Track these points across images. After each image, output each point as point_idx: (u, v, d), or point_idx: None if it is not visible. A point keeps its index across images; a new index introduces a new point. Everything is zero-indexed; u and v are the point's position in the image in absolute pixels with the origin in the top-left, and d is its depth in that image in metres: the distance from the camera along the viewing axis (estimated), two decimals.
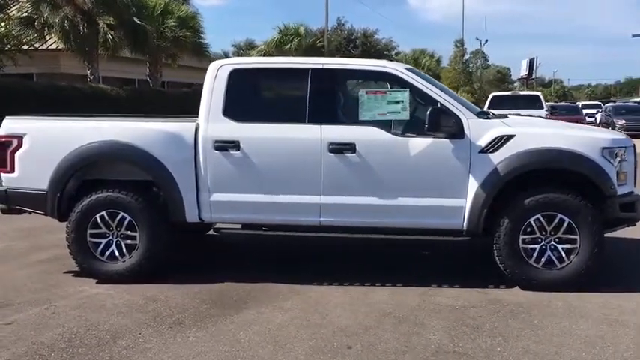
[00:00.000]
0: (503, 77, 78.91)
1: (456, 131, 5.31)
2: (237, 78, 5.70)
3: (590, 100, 63.77)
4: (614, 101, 47.76)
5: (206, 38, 24.32)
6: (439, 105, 5.37)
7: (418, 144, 5.39)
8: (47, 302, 5.19)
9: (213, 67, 5.75)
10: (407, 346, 4.22)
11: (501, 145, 5.28)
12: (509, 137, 5.29)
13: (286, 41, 29.91)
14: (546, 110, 18.57)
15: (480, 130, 5.36)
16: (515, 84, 73.57)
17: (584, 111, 34.59)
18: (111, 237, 5.71)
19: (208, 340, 4.36)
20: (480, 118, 5.51)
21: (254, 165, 5.52)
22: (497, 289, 5.40)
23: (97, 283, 5.68)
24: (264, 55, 30.96)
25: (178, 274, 5.84)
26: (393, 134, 5.46)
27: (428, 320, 4.70)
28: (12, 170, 5.79)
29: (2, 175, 5.89)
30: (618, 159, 5.34)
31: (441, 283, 5.57)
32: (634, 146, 5.61)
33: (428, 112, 5.23)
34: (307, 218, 5.57)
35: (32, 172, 5.73)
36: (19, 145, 5.75)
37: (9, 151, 5.78)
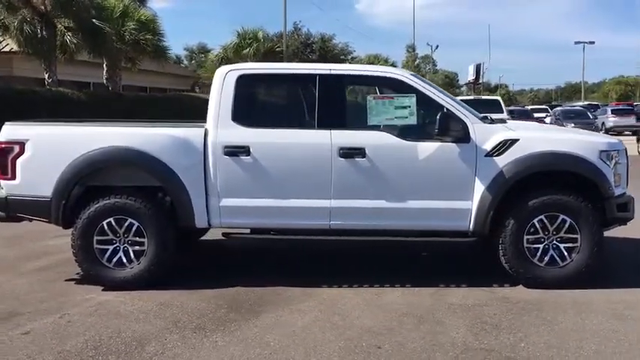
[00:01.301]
0: (451, 82, 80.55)
1: (462, 135, 5.48)
2: (245, 83, 5.73)
3: (533, 105, 65.63)
4: (556, 105, 49.34)
5: (167, 41, 23.99)
6: (445, 110, 5.53)
7: (426, 148, 5.54)
8: (59, 311, 5.11)
9: (220, 72, 5.76)
10: (435, 345, 4.35)
11: (506, 149, 5.48)
12: (514, 141, 5.49)
13: (245, 45, 29.78)
14: (507, 114, 19.15)
15: (485, 135, 5.54)
16: (462, 88, 75.08)
17: (535, 115, 35.65)
18: (118, 243, 5.65)
19: (237, 345, 4.39)
20: (484, 122, 5.69)
21: (264, 170, 5.56)
22: (502, 288, 5.59)
23: (103, 290, 5.62)
24: (222, 60, 30.87)
25: (186, 280, 5.83)
26: (401, 139, 5.58)
27: (446, 319, 4.84)
28: (13, 177, 5.67)
29: (3, 182, 5.76)
30: (614, 161, 5.61)
31: (448, 283, 5.72)
32: (625, 149, 5.90)
33: (438, 117, 5.39)
34: (317, 222, 5.65)
35: (35, 178, 5.63)
36: (21, 152, 5.63)
37: (10, 158, 5.65)
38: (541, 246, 5.54)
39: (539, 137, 5.71)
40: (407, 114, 5.59)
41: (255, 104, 5.91)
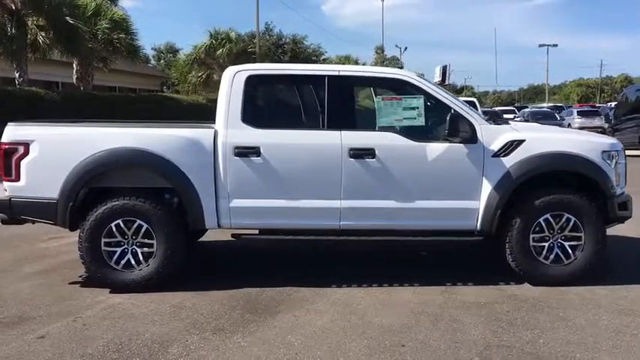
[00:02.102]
0: None
1: (470, 136, 5.57)
2: (254, 84, 5.74)
3: (497, 106, 66.77)
4: (520, 107, 50.23)
5: (140, 40, 23.72)
6: (453, 111, 5.62)
7: (434, 149, 5.62)
8: (70, 314, 5.04)
9: (229, 73, 5.75)
10: (456, 342, 4.42)
11: (513, 149, 5.59)
12: (520, 142, 5.61)
13: (218, 46, 29.63)
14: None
15: (492, 135, 5.65)
16: None
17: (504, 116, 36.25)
18: (126, 245, 5.60)
19: (261, 345, 4.39)
20: (490, 123, 5.80)
21: (275, 170, 5.57)
22: (509, 286, 5.70)
23: (110, 292, 5.56)
24: (194, 60, 30.72)
25: (194, 282, 5.81)
26: (410, 139, 5.65)
27: (462, 317, 4.92)
28: (17, 178, 5.56)
29: (6, 183, 5.65)
30: (614, 161, 5.78)
31: (454, 281, 5.82)
32: (624, 149, 6.08)
33: (448, 118, 5.47)
34: (328, 222, 5.68)
35: (40, 180, 5.54)
36: (25, 153, 5.53)
37: (14, 159, 5.55)
38: (546, 244, 5.67)
39: (545, 138, 5.85)
40: (415, 115, 5.66)
41: (264, 105, 5.91)
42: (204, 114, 22.68)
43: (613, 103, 50.16)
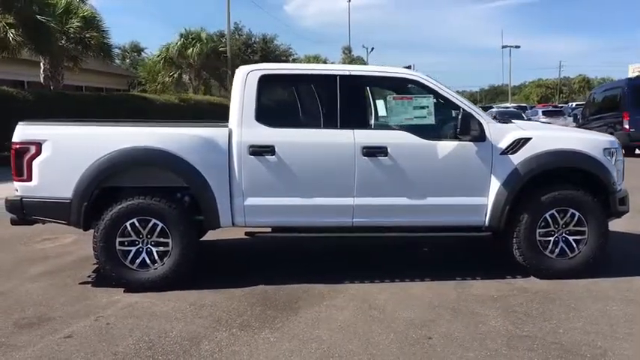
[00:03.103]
0: None
1: (479, 134, 5.73)
2: (267, 83, 5.79)
3: None
4: (484, 107, 51.02)
5: (112, 39, 23.35)
6: (463, 110, 5.76)
7: (445, 147, 5.76)
8: (90, 314, 5.03)
9: (242, 72, 5.80)
10: (480, 333, 4.56)
11: (520, 147, 5.77)
12: (527, 140, 5.79)
13: (188, 45, 29.43)
14: None
15: (499, 134, 5.81)
16: None
17: None
18: (141, 244, 5.59)
19: (291, 340, 4.46)
20: (497, 122, 5.97)
21: (289, 169, 5.64)
22: (516, 279, 5.88)
23: (125, 292, 5.55)
24: (164, 59, 30.46)
25: (206, 280, 5.83)
26: (421, 138, 5.77)
27: (479, 310, 5.07)
28: (29, 178, 5.51)
29: (17, 183, 5.59)
30: (614, 158, 6.01)
31: (463, 276, 5.97)
32: (621, 146, 6.33)
33: (460, 117, 5.62)
34: (341, 219, 5.77)
35: (53, 180, 5.50)
36: (38, 152, 5.48)
37: (26, 159, 5.50)
38: (552, 239, 5.86)
39: (550, 136, 6.04)
40: (425, 114, 5.79)
41: (277, 104, 5.97)
42: (179, 114, 22.78)
43: (574, 103, 51.54)
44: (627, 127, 18.60)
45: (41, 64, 23.12)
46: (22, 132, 5.54)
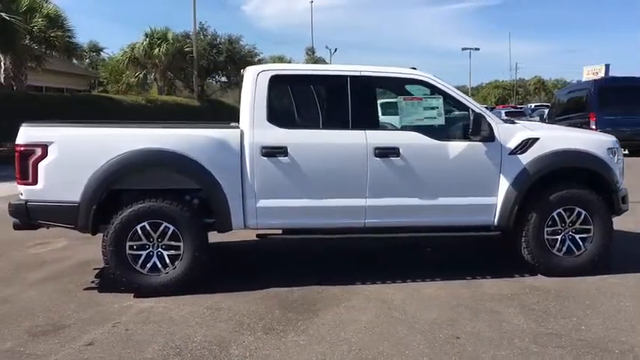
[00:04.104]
0: None
1: (489, 135, 5.79)
2: (277, 84, 5.74)
3: None
4: None
5: (77, 38, 22.83)
6: (473, 111, 5.81)
7: (455, 147, 5.80)
8: (106, 320, 4.89)
9: (252, 72, 5.72)
10: (505, 332, 4.60)
11: (529, 147, 5.85)
12: (535, 140, 5.87)
13: (154, 45, 28.98)
14: None
15: (508, 134, 5.89)
16: None
17: None
18: (151, 248, 5.47)
19: (319, 343, 4.42)
20: (505, 123, 6.04)
21: (301, 170, 5.59)
22: (524, 278, 5.96)
23: (135, 297, 5.43)
24: (130, 59, 29.95)
25: (216, 283, 5.73)
26: (432, 138, 5.80)
27: (498, 309, 5.11)
28: (34, 182, 5.33)
29: (22, 187, 5.40)
30: (616, 157, 6.16)
31: (473, 275, 6.02)
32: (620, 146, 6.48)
33: (472, 118, 5.67)
34: (353, 220, 5.76)
35: (60, 182, 5.33)
36: (44, 155, 5.31)
37: (31, 161, 5.32)
38: (559, 237, 5.97)
39: (557, 136, 6.15)
40: (435, 114, 5.83)
41: (289, 105, 5.92)
42: (147, 115, 22.38)
43: (533, 104, 52.65)
44: (594, 127, 19.04)
45: (1, 63, 22.51)
46: (27, 134, 5.36)
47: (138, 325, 4.78)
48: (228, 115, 29.53)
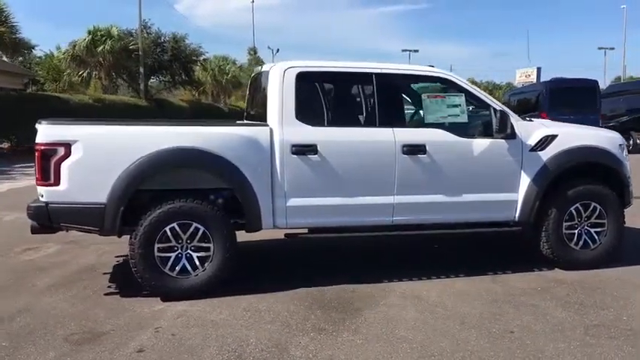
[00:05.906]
0: None
1: (511, 132, 5.87)
2: (304, 81, 5.64)
3: None
4: None
5: (23, 33, 21.84)
6: (495, 108, 5.89)
7: (479, 144, 5.86)
8: (144, 326, 4.67)
9: (278, 70, 5.60)
10: (555, 325, 4.66)
11: (548, 144, 5.98)
12: (554, 137, 6.01)
13: (98, 43, 28.07)
14: None
15: (528, 131, 5.99)
16: None
17: None
18: (180, 250, 5.28)
19: (376, 342, 4.35)
20: (524, 120, 6.15)
21: (331, 168, 5.52)
22: (545, 272, 6.08)
23: (162, 300, 5.23)
24: (72, 57, 28.92)
25: (239, 284, 5.57)
26: (456, 135, 5.84)
27: (536, 302, 5.18)
28: (56, 182, 5.04)
29: (42, 188, 5.11)
30: (625, 153, 6.38)
31: (494, 270, 6.09)
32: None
33: (498, 116, 5.73)
34: (381, 218, 5.72)
35: (85, 183, 5.06)
36: (67, 154, 5.02)
37: (53, 161, 5.02)
38: (576, 231, 6.12)
39: (573, 133, 6.31)
40: (458, 112, 5.87)
41: (316, 102, 5.81)
42: (97, 114, 21.66)
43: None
44: None
45: None
46: (48, 132, 5.06)
47: (182, 330, 4.59)
48: (176, 114, 29.03)
